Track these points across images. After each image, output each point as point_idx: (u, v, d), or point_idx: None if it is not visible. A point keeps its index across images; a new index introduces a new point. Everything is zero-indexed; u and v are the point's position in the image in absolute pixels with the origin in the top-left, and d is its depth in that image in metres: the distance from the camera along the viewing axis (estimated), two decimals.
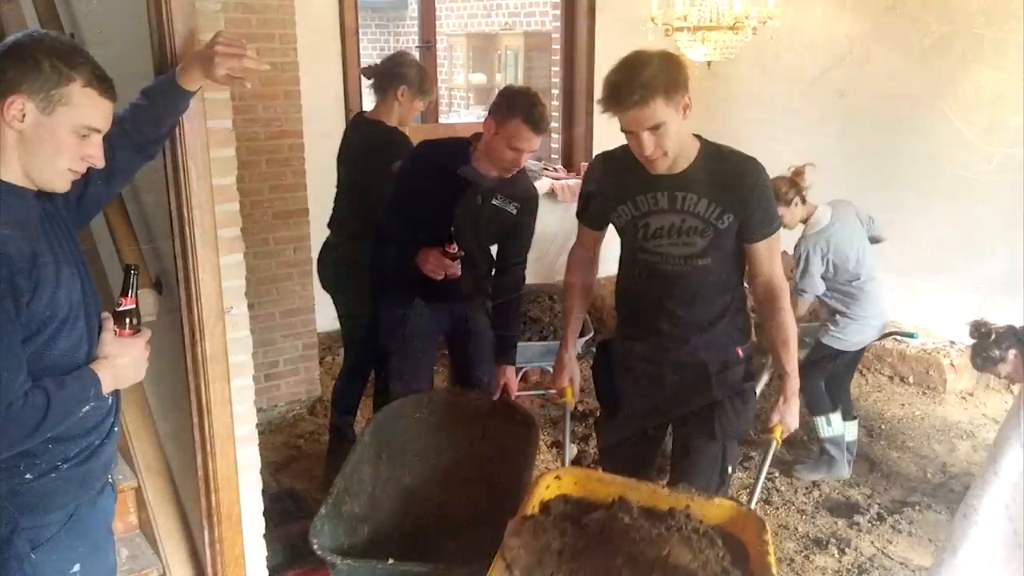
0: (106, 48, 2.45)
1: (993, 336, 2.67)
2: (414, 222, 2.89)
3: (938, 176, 4.80)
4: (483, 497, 2.69)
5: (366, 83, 3.63)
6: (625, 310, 2.49)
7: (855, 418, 3.96)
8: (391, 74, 3.39)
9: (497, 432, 2.88)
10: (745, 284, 2.46)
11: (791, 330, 2.27)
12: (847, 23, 5.28)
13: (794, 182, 3.65)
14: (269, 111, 4.03)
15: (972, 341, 2.81)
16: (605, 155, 2.39)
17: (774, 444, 2.23)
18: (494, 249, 3.09)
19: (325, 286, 3.73)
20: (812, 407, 3.81)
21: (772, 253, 2.28)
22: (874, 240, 3.85)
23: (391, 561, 2.23)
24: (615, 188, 2.29)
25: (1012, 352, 2.60)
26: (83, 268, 1.67)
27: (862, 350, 3.90)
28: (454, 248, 2.83)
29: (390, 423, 2.85)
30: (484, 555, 1.94)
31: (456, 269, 2.84)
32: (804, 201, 3.69)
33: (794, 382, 2.27)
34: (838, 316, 3.74)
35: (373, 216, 3.14)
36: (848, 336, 3.75)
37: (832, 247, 3.67)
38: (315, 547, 2.23)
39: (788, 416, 2.25)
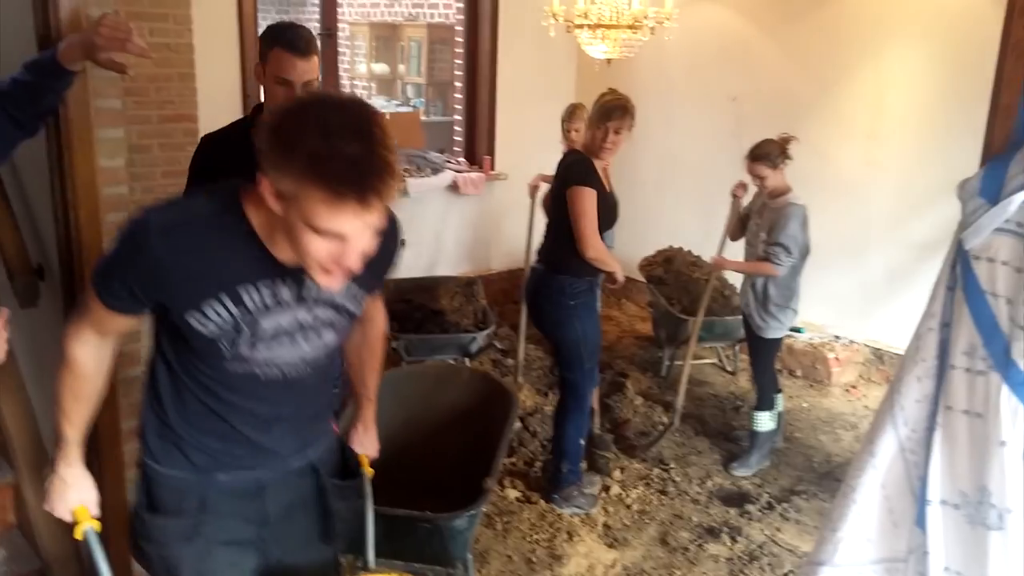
0: None
1: None
2: None
3: (823, 176, 5.01)
4: (465, 459, 2.87)
5: None
6: (180, 438, 1.63)
7: None
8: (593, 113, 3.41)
9: (481, 403, 3.09)
10: None
11: (382, 354, 1.94)
12: (741, 27, 5.46)
13: (783, 147, 3.71)
14: (162, 93, 3.88)
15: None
16: (170, 222, 1.42)
17: (367, 476, 1.94)
18: None
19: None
20: (762, 402, 3.95)
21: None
22: None
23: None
24: (200, 271, 1.42)
25: None
26: None
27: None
28: None
29: (379, 392, 2.91)
30: (463, 504, 2.42)
31: None
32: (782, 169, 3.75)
33: (373, 408, 1.98)
34: (773, 306, 3.81)
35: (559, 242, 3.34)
36: (785, 322, 3.85)
37: (807, 223, 3.71)
38: None
39: (369, 444, 1.96)
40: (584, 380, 3.49)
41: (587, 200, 3.26)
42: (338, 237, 1.29)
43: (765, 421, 3.97)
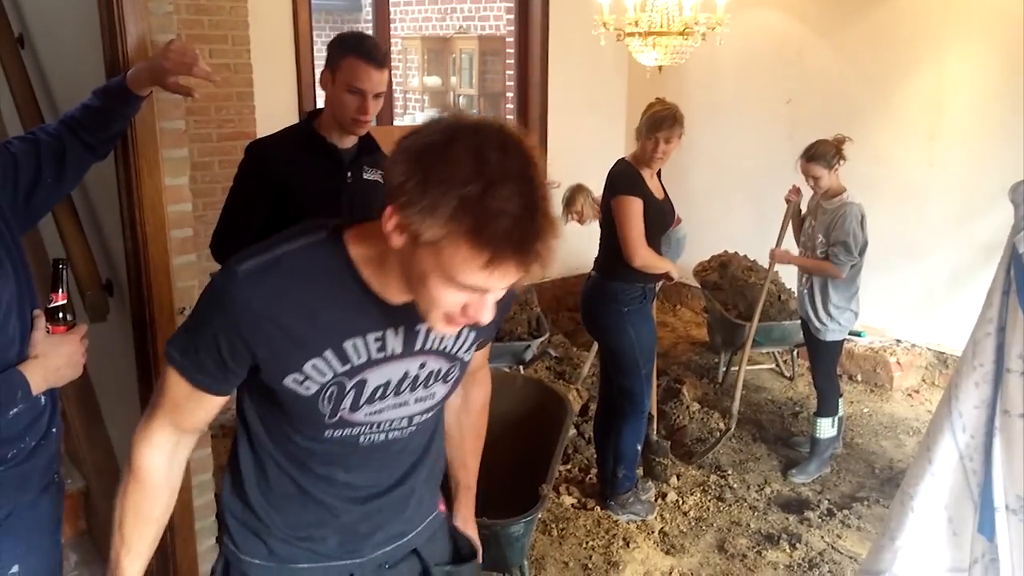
0: (57, 49, 2.43)
1: None
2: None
3: (882, 178, 4.93)
4: (520, 466, 2.90)
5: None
6: (263, 525, 1.43)
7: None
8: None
9: (535, 410, 3.12)
10: None
11: (484, 428, 1.71)
12: (795, 30, 5.40)
13: (839, 148, 3.69)
14: (222, 112, 4.02)
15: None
16: (257, 265, 1.21)
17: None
18: None
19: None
20: (824, 408, 3.91)
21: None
22: None
23: None
24: (298, 321, 1.21)
25: None
26: (21, 267, 1.63)
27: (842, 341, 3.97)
28: None
29: None
30: (519, 511, 2.35)
31: None
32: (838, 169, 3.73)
33: (472, 497, 1.72)
34: (833, 307, 3.77)
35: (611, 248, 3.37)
36: (845, 324, 3.80)
37: (864, 220, 3.68)
38: None
39: (475, 538, 1.69)
40: (641, 386, 3.49)
41: (632, 209, 3.28)
42: (479, 291, 1.11)
43: (827, 428, 3.91)
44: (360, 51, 2.30)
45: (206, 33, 3.89)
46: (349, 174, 2.47)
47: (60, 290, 1.66)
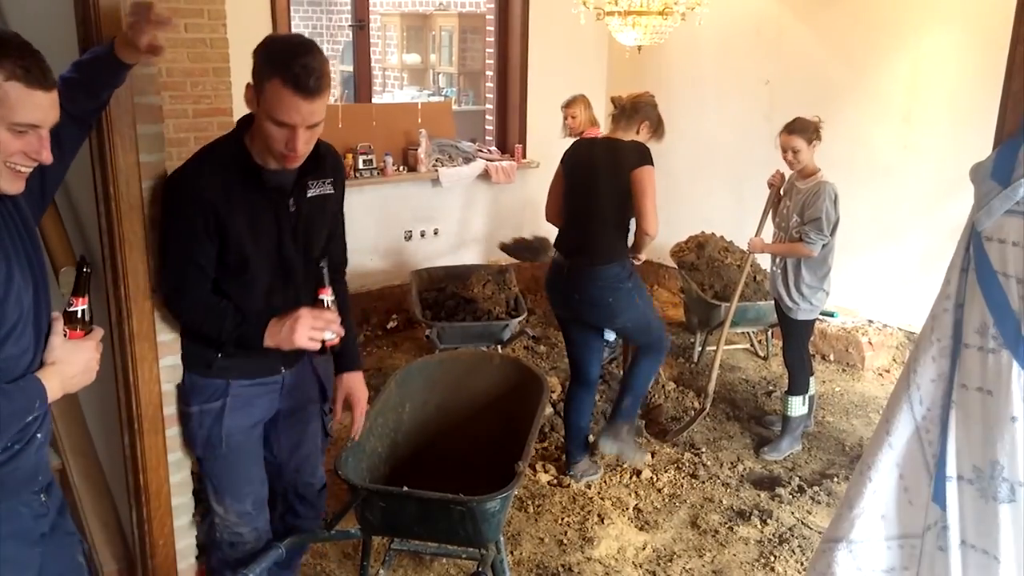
0: (27, 20, 2.40)
1: None
2: (236, 278, 2.09)
3: (858, 159, 4.98)
4: (497, 444, 2.92)
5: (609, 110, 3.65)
6: None
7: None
8: (640, 108, 3.51)
9: (512, 388, 3.14)
10: None
11: None
12: (773, 11, 5.42)
13: (816, 127, 3.74)
14: (198, 88, 3.96)
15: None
16: None
17: None
18: None
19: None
20: (795, 386, 3.95)
21: None
22: None
23: (405, 489, 2.38)
24: None
25: None
26: (39, 271, 1.58)
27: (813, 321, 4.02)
28: (328, 293, 2.10)
29: (412, 378, 3.04)
30: (495, 488, 2.36)
31: (339, 327, 2.09)
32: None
33: None
34: (805, 287, 3.81)
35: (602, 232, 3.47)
36: (817, 304, 3.85)
37: (837, 200, 3.73)
38: (339, 474, 2.38)
39: None
40: (660, 328, 3.66)
41: (654, 180, 3.37)
42: None
43: (798, 406, 3.97)
44: (287, 76, 1.80)
45: (181, 7, 3.82)
46: (291, 200, 2.07)
47: (82, 294, 1.61)
